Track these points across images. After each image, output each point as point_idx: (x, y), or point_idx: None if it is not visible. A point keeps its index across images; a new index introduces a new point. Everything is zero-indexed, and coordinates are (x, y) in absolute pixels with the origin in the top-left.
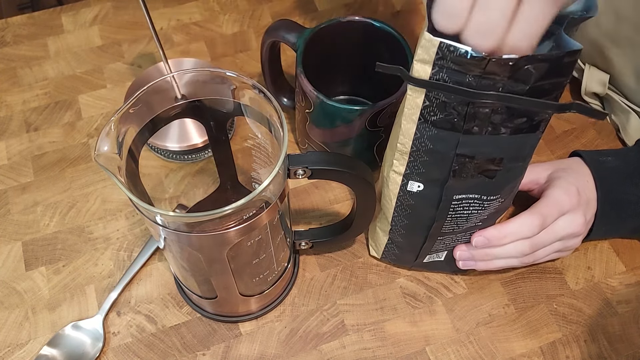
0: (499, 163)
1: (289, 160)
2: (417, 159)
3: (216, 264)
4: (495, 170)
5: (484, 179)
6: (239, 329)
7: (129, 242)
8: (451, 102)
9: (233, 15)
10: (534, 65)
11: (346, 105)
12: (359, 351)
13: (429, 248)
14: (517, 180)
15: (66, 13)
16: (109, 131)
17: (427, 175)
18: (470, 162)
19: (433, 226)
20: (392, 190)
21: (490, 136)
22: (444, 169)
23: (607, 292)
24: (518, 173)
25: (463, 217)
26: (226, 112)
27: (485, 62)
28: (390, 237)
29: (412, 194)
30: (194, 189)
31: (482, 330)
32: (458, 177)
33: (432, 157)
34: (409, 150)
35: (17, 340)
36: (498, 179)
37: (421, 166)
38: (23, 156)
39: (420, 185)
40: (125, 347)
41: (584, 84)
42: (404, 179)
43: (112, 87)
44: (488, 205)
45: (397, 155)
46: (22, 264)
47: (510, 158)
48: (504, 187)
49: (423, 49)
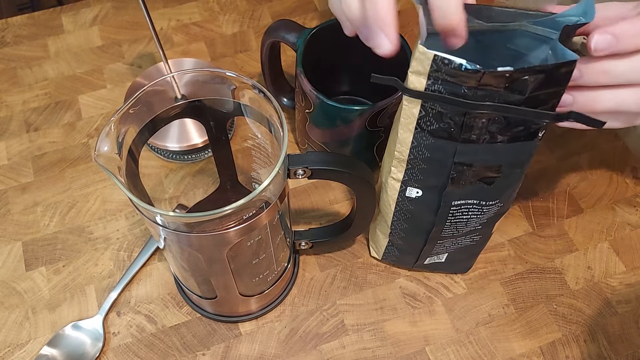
0: (497, 170)
1: (289, 160)
2: (414, 166)
3: (216, 264)
4: (493, 177)
5: (483, 185)
6: (239, 329)
7: (129, 242)
8: (447, 112)
9: (233, 15)
10: (530, 76)
11: (346, 105)
12: (359, 351)
13: (429, 251)
14: (516, 185)
15: (66, 13)
16: (109, 131)
17: (426, 182)
18: (468, 170)
19: (433, 230)
20: (390, 196)
21: (488, 145)
22: (442, 176)
23: (607, 292)
24: (517, 178)
25: (462, 222)
26: (226, 112)
27: (480, 75)
28: (390, 239)
29: (411, 200)
30: (194, 189)
31: (482, 330)
32: (456, 184)
33: (430, 165)
34: (406, 158)
35: (17, 340)
36: (497, 185)
37: (419, 173)
38: (23, 156)
39: (418, 192)
40: (125, 347)
41: None
42: (402, 185)
43: (112, 87)
44: (487, 210)
45: (394, 163)
46: (22, 264)
47: (508, 165)
48: (503, 192)
49: (417, 62)
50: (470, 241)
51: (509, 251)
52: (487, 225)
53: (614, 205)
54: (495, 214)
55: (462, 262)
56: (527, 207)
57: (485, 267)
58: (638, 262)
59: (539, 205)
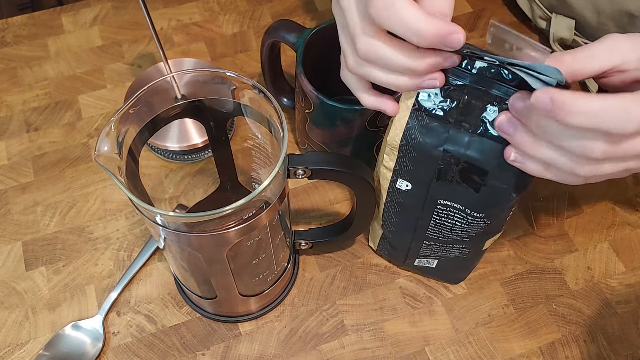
0: (482, 176)
1: (289, 160)
2: (405, 154)
3: (216, 264)
4: (478, 184)
5: (469, 189)
6: (239, 329)
7: (129, 242)
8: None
9: (233, 15)
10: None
11: (346, 105)
12: (359, 351)
13: (416, 250)
14: (502, 206)
15: (66, 13)
16: (109, 131)
17: (415, 174)
18: (455, 165)
19: (418, 226)
20: (383, 185)
21: (478, 137)
22: (430, 167)
23: (606, 292)
24: (504, 198)
25: (447, 226)
26: (226, 112)
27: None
28: (383, 231)
29: (401, 192)
30: (194, 189)
31: (482, 330)
32: (443, 178)
33: (420, 153)
34: (398, 144)
35: (17, 340)
36: (482, 196)
37: (409, 162)
38: (23, 156)
39: (408, 185)
40: (125, 347)
41: (551, 32)
42: (394, 176)
43: (112, 87)
44: (472, 222)
45: (387, 150)
46: (22, 264)
47: (493, 174)
48: (489, 207)
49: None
50: (458, 252)
51: (509, 251)
52: (476, 241)
53: (614, 205)
54: (483, 231)
55: (453, 272)
56: (527, 207)
57: (485, 267)
58: (638, 263)
59: (539, 205)
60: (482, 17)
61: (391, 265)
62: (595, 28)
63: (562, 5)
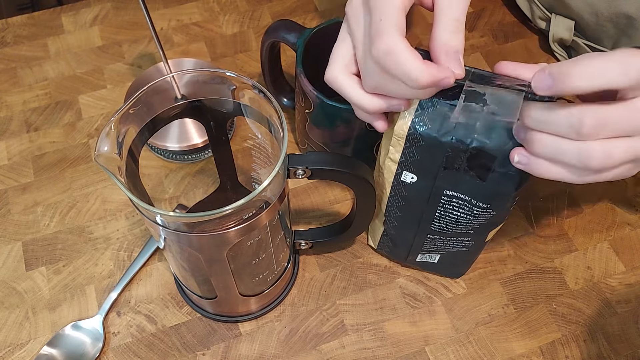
0: (491, 162)
1: (289, 160)
2: (412, 144)
3: (216, 264)
4: (486, 171)
5: (475, 179)
6: (239, 329)
7: (129, 242)
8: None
9: (233, 15)
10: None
11: (346, 105)
12: (359, 351)
13: (419, 245)
14: (509, 196)
15: (66, 13)
16: (109, 131)
17: (421, 164)
18: (464, 152)
19: (422, 220)
20: (386, 178)
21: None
22: (438, 157)
23: (606, 292)
24: (509, 188)
25: (452, 218)
26: (226, 112)
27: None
28: (385, 228)
29: (406, 185)
30: (194, 189)
31: (482, 330)
32: (450, 167)
33: (428, 142)
34: (405, 133)
35: (17, 340)
36: (489, 185)
37: (416, 152)
38: (23, 156)
39: (413, 177)
40: (125, 347)
41: (551, 32)
42: (399, 168)
43: (112, 87)
44: (478, 213)
45: (393, 141)
46: (22, 264)
47: (502, 161)
48: (494, 197)
49: None
50: (461, 246)
51: (509, 251)
52: (479, 233)
53: (614, 205)
54: (487, 222)
55: (455, 266)
56: (527, 207)
57: (485, 267)
58: (638, 262)
59: (539, 205)
60: (482, 17)
61: (391, 265)
62: (594, 29)
63: (561, 6)
